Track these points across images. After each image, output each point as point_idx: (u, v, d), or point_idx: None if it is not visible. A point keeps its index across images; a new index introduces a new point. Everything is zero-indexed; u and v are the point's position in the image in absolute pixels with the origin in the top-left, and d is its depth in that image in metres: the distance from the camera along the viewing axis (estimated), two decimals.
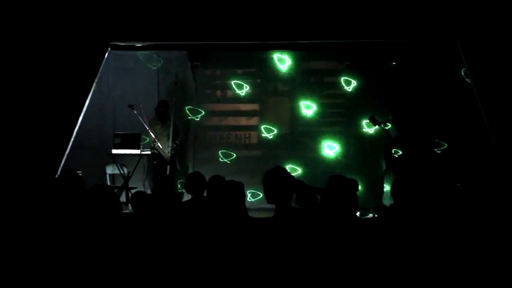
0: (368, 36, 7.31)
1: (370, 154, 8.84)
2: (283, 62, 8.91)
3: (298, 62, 8.97)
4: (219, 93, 9.33)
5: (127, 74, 8.71)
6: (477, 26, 6.96)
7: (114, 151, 7.76)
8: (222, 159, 8.91)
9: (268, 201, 3.54)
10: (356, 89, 8.92)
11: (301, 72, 9.05)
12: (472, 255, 3.50)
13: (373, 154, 8.81)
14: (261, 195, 7.89)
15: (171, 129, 7.84)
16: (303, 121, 9.02)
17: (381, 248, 3.54)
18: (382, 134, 8.44)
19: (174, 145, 7.92)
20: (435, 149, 8.57)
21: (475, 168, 7.78)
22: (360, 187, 7.84)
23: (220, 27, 7.13)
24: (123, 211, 4.71)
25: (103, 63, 7.29)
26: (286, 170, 3.61)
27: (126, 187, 7.70)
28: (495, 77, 6.90)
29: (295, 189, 3.59)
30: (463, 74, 8.25)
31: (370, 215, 7.21)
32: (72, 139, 7.03)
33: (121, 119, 8.50)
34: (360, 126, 8.88)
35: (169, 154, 7.79)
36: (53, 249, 3.54)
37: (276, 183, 3.50)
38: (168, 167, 7.76)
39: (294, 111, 9.06)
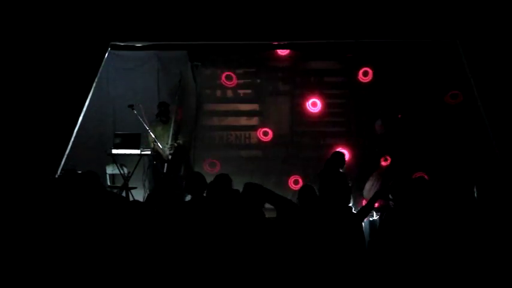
0: (368, 36, 7.31)
1: (370, 154, 8.83)
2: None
3: (298, 62, 8.98)
4: (219, 93, 9.32)
5: (127, 74, 8.70)
6: (477, 27, 6.96)
7: (114, 151, 7.76)
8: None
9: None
10: (356, 89, 8.92)
11: (301, 72, 9.06)
12: (475, 257, 3.50)
13: (373, 154, 8.80)
14: None
15: (171, 130, 7.85)
16: (303, 121, 9.02)
17: (379, 247, 3.55)
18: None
19: (175, 143, 7.94)
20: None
21: (475, 169, 7.79)
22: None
23: (220, 27, 7.13)
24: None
25: (103, 63, 7.29)
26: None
27: (126, 187, 7.69)
28: (495, 77, 6.90)
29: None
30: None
31: (374, 215, 7.20)
32: (72, 139, 7.02)
33: (121, 119, 8.49)
34: (359, 126, 8.87)
35: (169, 154, 7.81)
36: (53, 248, 3.54)
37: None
38: (166, 165, 7.78)
39: (294, 111, 9.06)
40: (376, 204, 4.89)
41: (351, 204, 7.16)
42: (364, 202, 7.19)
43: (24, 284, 3.44)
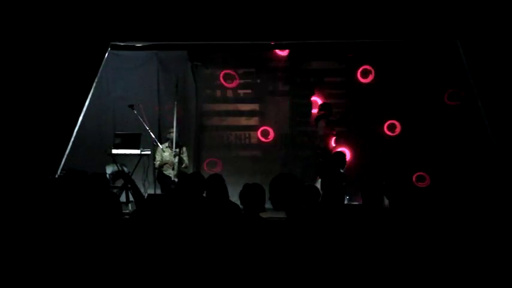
0: (368, 36, 7.31)
1: (370, 154, 8.83)
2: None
3: (298, 62, 8.98)
4: (219, 93, 9.33)
5: (127, 74, 8.70)
6: (477, 26, 6.96)
7: (114, 151, 7.75)
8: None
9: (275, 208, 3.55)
10: (356, 89, 8.93)
11: (301, 72, 9.06)
12: (471, 256, 3.50)
13: (373, 153, 8.80)
14: None
15: (179, 152, 7.88)
16: (303, 121, 9.02)
17: (377, 246, 3.54)
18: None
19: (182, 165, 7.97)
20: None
21: (475, 168, 7.79)
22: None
23: (220, 27, 7.13)
24: (123, 211, 4.70)
25: (103, 63, 7.29)
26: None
27: (126, 187, 7.69)
28: (495, 77, 6.90)
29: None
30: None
31: None
32: (72, 139, 7.03)
33: (121, 119, 8.50)
34: (359, 126, 8.88)
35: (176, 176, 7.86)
36: (53, 249, 3.54)
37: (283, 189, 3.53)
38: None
39: (294, 111, 9.07)
40: None
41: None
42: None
43: (24, 284, 3.44)
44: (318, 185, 7.24)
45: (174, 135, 7.88)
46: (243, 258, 3.38)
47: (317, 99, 8.84)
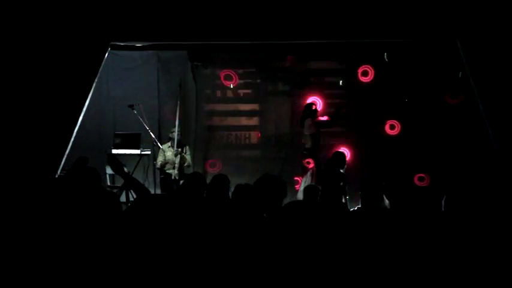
0: (368, 36, 7.31)
1: (369, 153, 8.83)
2: None
3: (298, 62, 8.99)
4: (219, 93, 9.33)
5: (127, 74, 8.70)
6: (477, 26, 6.96)
7: (114, 151, 7.76)
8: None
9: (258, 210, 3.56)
10: (356, 89, 8.93)
11: (301, 72, 9.06)
12: (471, 256, 3.50)
13: (372, 153, 8.80)
14: None
15: (178, 154, 7.88)
16: None
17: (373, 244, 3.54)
18: None
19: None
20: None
21: (475, 168, 7.79)
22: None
23: (220, 27, 7.13)
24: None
25: (103, 63, 7.29)
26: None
27: (126, 187, 7.69)
28: (495, 77, 6.90)
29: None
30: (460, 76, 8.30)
31: None
32: (72, 139, 7.03)
33: (121, 119, 8.50)
34: (359, 126, 8.88)
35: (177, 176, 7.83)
36: (53, 248, 3.54)
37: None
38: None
39: (294, 111, 9.06)
40: None
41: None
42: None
43: (25, 283, 3.45)
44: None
45: (176, 134, 7.88)
46: (242, 257, 3.39)
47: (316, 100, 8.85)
